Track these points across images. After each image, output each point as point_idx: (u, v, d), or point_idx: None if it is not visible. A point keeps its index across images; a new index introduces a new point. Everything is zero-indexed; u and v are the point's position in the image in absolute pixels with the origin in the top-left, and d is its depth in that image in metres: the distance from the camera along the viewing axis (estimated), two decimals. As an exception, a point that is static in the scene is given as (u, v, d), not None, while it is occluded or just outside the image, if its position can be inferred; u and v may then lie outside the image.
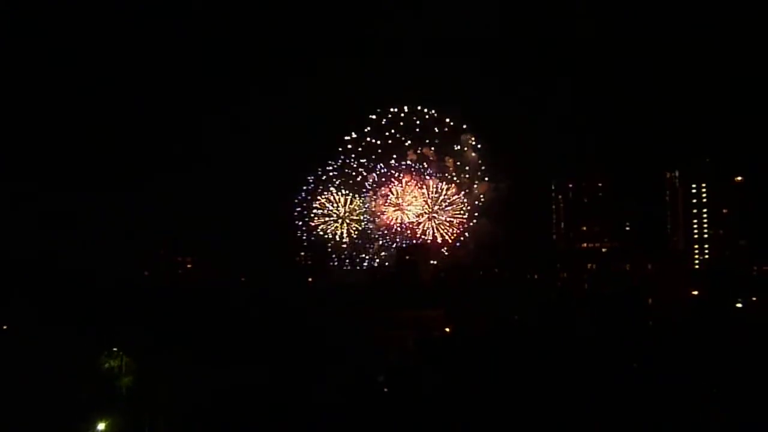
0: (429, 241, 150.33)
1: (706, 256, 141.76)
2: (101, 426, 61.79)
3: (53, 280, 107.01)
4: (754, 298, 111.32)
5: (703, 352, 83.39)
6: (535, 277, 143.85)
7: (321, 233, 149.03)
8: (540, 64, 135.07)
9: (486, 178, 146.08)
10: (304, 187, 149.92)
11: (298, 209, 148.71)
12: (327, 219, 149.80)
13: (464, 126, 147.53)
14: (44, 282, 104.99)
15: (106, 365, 77.57)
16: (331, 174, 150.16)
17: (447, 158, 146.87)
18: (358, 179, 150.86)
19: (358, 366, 77.48)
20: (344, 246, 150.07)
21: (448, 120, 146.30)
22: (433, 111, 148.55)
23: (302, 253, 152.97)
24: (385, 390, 75.82)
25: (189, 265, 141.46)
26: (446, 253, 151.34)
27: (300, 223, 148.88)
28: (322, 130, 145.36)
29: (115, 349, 78.96)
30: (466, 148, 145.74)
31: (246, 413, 63.57)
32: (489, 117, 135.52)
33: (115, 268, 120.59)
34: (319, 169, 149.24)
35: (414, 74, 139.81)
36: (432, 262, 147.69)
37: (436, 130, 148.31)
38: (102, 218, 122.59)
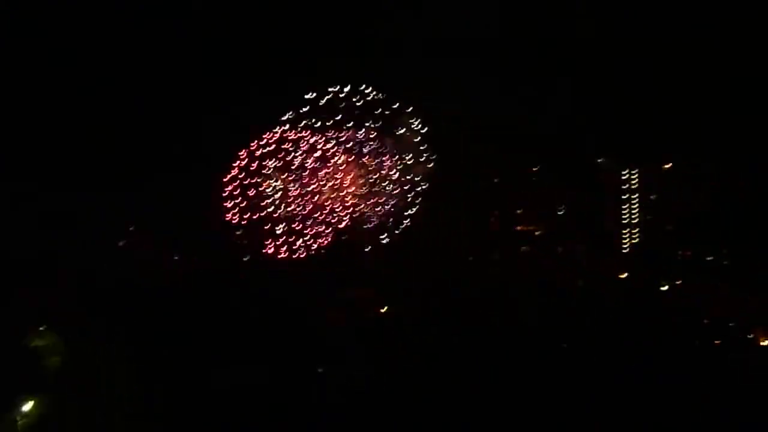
0: (366, 223, 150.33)
1: (635, 241, 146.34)
2: (27, 406, 60.36)
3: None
4: (678, 282, 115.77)
5: (629, 333, 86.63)
6: (470, 258, 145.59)
7: (257, 215, 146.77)
8: (481, 51, 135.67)
9: (425, 161, 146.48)
10: (236, 171, 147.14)
11: (231, 191, 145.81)
12: (264, 201, 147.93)
13: (408, 108, 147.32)
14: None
15: (34, 344, 75.54)
16: (265, 153, 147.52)
17: (387, 138, 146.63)
18: (294, 160, 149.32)
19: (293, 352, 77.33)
20: (279, 229, 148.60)
21: (390, 101, 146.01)
22: (376, 92, 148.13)
23: (237, 233, 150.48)
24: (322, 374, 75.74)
25: (120, 243, 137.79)
26: (381, 235, 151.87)
27: (231, 205, 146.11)
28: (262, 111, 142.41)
29: (43, 328, 76.93)
30: (407, 131, 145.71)
31: (172, 396, 62.86)
32: (431, 99, 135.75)
33: (43, 242, 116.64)
34: (253, 148, 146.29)
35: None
36: (367, 247, 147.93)
37: (378, 112, 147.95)
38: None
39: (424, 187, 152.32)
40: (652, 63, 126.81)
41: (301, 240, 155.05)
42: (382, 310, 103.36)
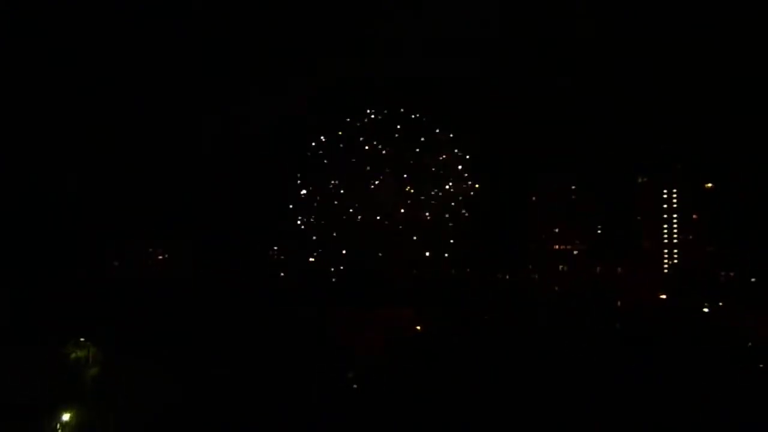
0: (403, 239, 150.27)
1: (675, 261, 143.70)
2: (66, 417, 61.10)
3: (19, 269, 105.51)
4: (720, 303, 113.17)
5: (671, 355, 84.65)
6: (507, 277, 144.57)
7: (304, 227, 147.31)
8: (517, 66, 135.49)
9: (461, 178, 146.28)
10: (280, 179, 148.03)
11: (278, 202, 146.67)
12: (311, 215, 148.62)
13: (441, 126, 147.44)
14: (9, 270, 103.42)
15: (73, 356, 76.66)
16: (311, 167, 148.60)
17: (423, 156, 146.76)
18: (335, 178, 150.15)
19: (327, 364, 77.32)
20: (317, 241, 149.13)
21: (424, 120, 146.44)
22: (409, 112, 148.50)
23: (275, 248, 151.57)
24: (355, 386, 75.85)
25: (160, 257, 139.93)
26: (420, 253, 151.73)
27: (278, 216, 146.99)
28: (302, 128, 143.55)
29: (82, 339, 78.09)
30: (442, 148, 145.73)
31: (213, 411, 63.15)
32: (466, 117, 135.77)
33: (84, 257, 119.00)
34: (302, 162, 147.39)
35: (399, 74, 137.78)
36: (403, 260, 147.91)
37: (414, 131, 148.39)
38: (69, 205, 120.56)
39: (458, 203, 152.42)
40: (698, 82, 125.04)
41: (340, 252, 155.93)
42: (418, 328, 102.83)
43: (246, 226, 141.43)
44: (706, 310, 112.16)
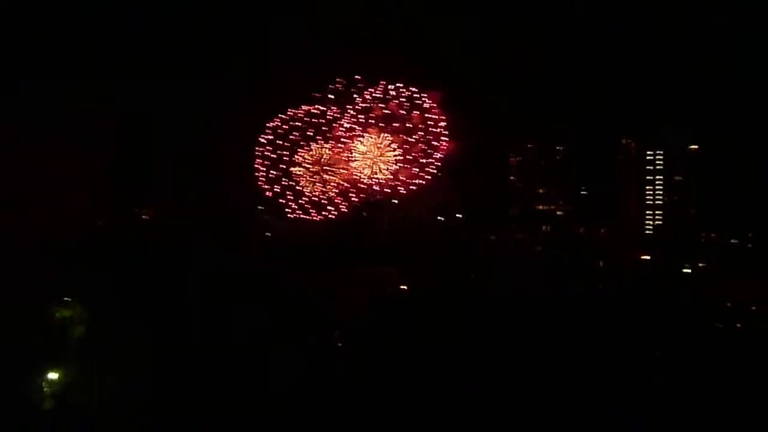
0: (388, 197, 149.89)
1: (658, 222, 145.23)
2: (53, 375, 61.34)
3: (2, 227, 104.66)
4: (701, 264, 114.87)
5: (650, 316, 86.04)
6: (491, 237, 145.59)
7: (288, 184, 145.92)
8: (502, 32, 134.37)
9: (448, 138, 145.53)
10: (266, 137, 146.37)
11: (261, 159, 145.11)
12: (297, 168, 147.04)
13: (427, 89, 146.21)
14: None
15: (58, 315, 76.57)
16: (296, 122, 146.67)
17: (414, 114, 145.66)
18: (324, 128, 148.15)
19: (310, 323, 77.80)
20: (307, 199, 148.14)
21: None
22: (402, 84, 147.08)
23: (260, 208, 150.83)
24: (339, 345, 76.55)
25: (145, 216, 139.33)
26: (404, 211, 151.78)
27: (260, 173, 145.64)
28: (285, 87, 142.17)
29: (67, 299, 77.92)
30: (431, 107, 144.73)
31: (198, 370, 63.45)
32: (452, 77, 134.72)
33: (69, 215, 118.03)
34: (283, 117, 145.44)
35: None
36: (387, 219, 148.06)
37: (404, 92, 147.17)
38: (54, 164, 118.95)
39: (444, 163, 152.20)
40: (681, 42, 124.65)
41: (322, 209, 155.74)
42: (403, 287, 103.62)
43: (231, 188, 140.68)
44: (687, 270, 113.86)
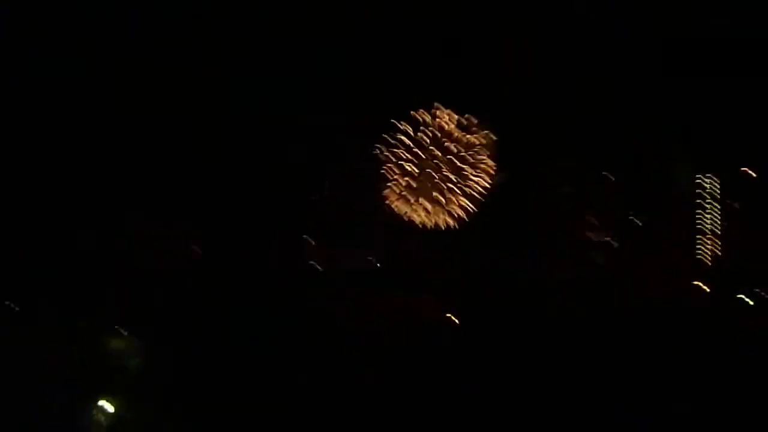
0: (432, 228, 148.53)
1: (714, 249, 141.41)
2: (104, 406, 62.32)
3: (55, 261, 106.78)
4: (762, 293, 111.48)
5: (707, 348, 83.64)
6: (544, 266, 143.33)
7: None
8: (548, 58, 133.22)
9: (496, 168, 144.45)
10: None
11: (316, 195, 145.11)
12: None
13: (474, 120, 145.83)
14: (45, 263, 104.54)
15: (113, 346, 77.96)
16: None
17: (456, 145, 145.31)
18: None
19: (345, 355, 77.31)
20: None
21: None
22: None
23: (304, 236, 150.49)
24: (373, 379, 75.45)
25: (195, 247, 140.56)
26: (448, 241, 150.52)
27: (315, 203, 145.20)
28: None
29: (121, 330, 79.35)
30: (477, 139, 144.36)
31: (245, 403, 63.64)
32: (497, 108, 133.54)
33: (122, 249, 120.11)
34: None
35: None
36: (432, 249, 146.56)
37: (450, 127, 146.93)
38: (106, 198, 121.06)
39: (492, 193, 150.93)
40: (736, 60, 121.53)
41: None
42: (453, 318, 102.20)
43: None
44: (746, 299, 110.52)
